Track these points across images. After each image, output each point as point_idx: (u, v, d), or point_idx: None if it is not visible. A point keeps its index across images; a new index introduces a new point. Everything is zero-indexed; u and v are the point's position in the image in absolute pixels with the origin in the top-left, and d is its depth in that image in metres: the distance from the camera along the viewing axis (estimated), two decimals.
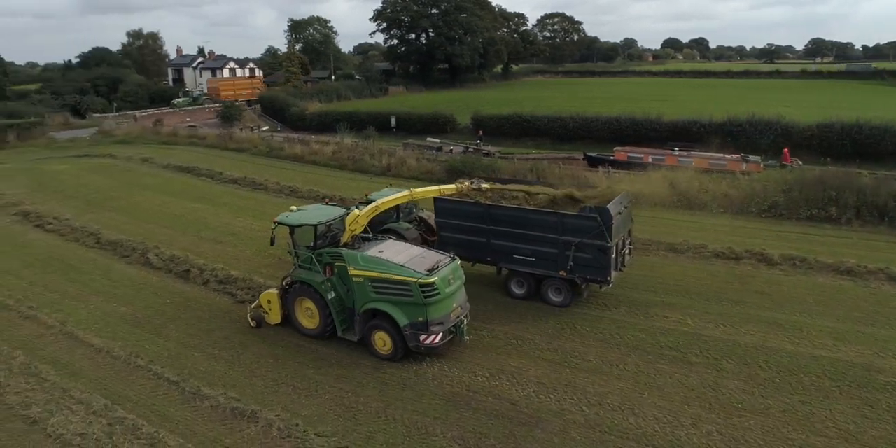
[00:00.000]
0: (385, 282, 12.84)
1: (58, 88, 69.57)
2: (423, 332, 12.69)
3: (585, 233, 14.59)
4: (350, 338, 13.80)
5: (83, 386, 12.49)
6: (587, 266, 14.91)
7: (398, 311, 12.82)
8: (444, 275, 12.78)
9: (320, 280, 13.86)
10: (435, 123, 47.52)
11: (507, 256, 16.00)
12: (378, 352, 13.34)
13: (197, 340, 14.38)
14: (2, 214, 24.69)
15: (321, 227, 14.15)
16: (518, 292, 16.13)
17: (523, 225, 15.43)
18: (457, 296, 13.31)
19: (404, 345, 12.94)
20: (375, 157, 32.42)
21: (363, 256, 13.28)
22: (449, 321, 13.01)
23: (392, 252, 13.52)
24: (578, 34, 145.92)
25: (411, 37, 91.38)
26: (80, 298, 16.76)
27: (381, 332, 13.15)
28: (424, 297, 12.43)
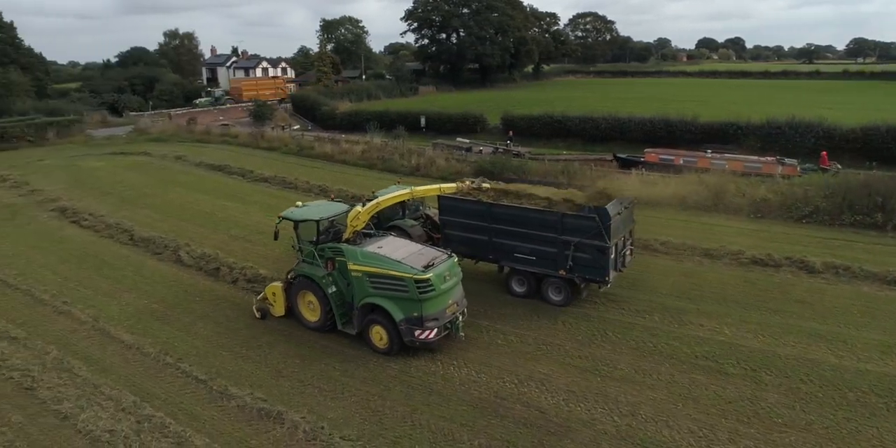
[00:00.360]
0: (382, 277, 13.08)
1: (97, 87, 71.14)
2: (417, 328, 12.88)
3: (584, 233, 14.65)
4: (349, 331, 14.03)
5: (113, 382, 12.59)
6: (586, 266, 14.94)
7: (394, 306, 13.04)
8: (440, 271, 12.95)
9: (322, 274, 14.14)
10: (465, 123, 47.27)
11: (508, 255, 16.11)
12: (375, 346, 13.59)
13: (225, 339, 14.42)
14: (40, 210, 25.23)
15: (323, 223, 14.53)
16: (518, 291, 16.25)
17: (524, 224, 15.53)
18: (453, 292, 13.45)
19: (400, 339, 13.13)
20: (405, 157, 32.33)
21: (362, 252, 13.56)
22: (444, 317, 13.16)
23: (391, 248, 13.77)
24: (611, 34, 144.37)
25: (442, 36, 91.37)
26: (113, 294, 16.98)
27: (378, 326, 13.40)
28: (419, 292, 12.63)
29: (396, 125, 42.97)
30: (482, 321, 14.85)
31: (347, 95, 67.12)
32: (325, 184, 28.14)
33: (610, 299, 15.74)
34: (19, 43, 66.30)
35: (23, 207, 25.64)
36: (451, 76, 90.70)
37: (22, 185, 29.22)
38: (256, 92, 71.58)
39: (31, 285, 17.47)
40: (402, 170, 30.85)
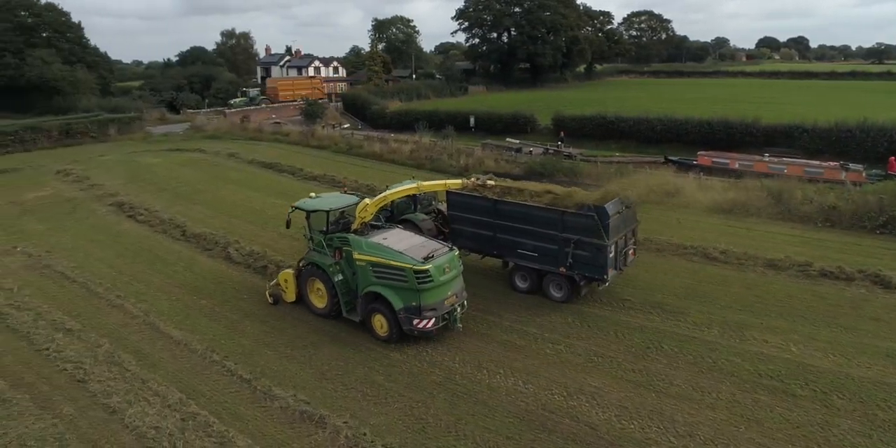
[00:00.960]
0: (384, 267, 13.56)
1: (157, 85, 73.55)
2: (416, 317, 13.31)
3: (583, 231, 14.79)
4: (353, 318, 14.57)
5: (161, 378, 12.68)
6: (585, 264, 15.05)
7: (394, 295, 13.50)
8: (440, 263, 13.32)
9: (329, 263, 14.75)
10: (515, 124, 46.60)
11: (511, 250, 16.38)
12: (377, 333, 14.10)
13: (270, 338, 14.39)
14: (100, 205, 25.99)
15: (333, 214, 15.19)
16: (521, 286, 16.48)
17: (527, 220, 15.76)
18: (452, 284, 13.79)
19: (399, 328, 13.57)
20: (453, 157, 32.03)
21: (367, 242, 14.05)
22: (442, 308, 13.53)
23: (395, 240, 14.22)
24: (666, 33, 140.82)
25: (493, 36, 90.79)
26: (164, 289, 17.22)
27: (380, 314, 13.88)
28: (418, 282, 13.07)
29: (446, 125, 42.67)
30: (530, 328, 14.40)
31: (397, 95, 67.36)
32: (373, 183, 28.05)
33: (665, 310, 15.02)
34: (86, 43, 69.13)
35: (83, 201, 26.49)
36: (502, 76, 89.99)
37: (83, 179, 30.22)
38: (292, 92, 70.09)
39: (87, 278, 17.90)
40: (451, 170, 30.51)
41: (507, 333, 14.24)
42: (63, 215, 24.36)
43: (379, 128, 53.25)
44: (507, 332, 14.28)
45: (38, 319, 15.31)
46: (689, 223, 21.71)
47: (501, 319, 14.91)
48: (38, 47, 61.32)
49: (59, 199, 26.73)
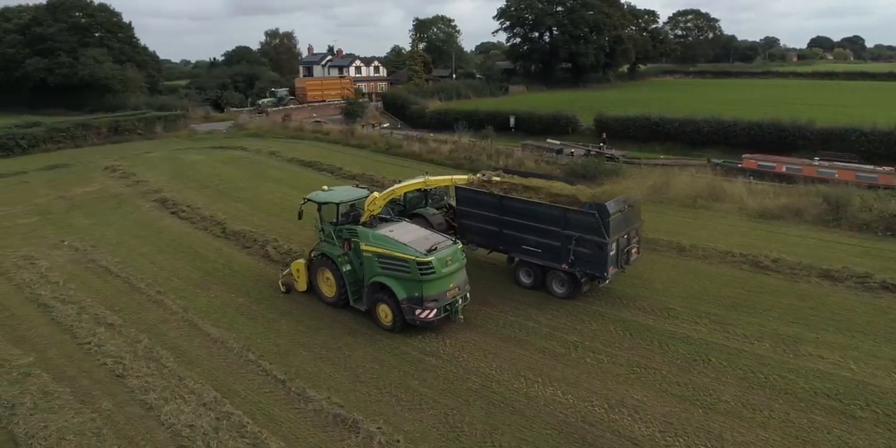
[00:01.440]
0: (389, 258, 14.00)
1: (202, 84, 75.02)
2: (418, 307, 13.72)
3: (585, 228, 14.93)
4: (359, 307, 15.06)
5: (197, 376, 12.69)
6: (586, 261, 15.18)
7: (398, 285, 13.94)
8: (442, 256, 13.69)
9: (338, 253, 15.31)
10: (556, 124, 45.85)
11: (516, 246, 16.64)
12: (381, 323, 14.56)
13: (306, 338, 14.29)
14: (144, 200, 26.50)
15: (343, 206, 15.68)
16: (525, 281, 16.70)
17: (531, 217, 15.98)
18: (455, 277, 14.18)
19: (402, 317, 13.98)
20: (492, 158, 31.62)
21: (374, 234, 14.50)
22: (444, 299, 13.92)
23: (400, 232, 14.62)
24: (714, 32, 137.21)
25: (534, 35, 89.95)
26: (203, 286, 17.34)
27: (384, 304, 14.30)
28: (421, 274, 13.49)
29: (485, 125, 42.25)
30: (570, 336, 13.95)
31: (437, 94, 67.22)
32: None
33: (713, 321, 14.37)
34: (136, 42, 71.08)
35: (128, 197, 27.05)
36: (543, 75, 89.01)
37: (129, 175, 30.90)
38: (321, 92, 69.15)
39: (130, 273, 18.17)
40: None
41: (545, 340, 13.83)
42: (109, 210, 24.89)
43: (418, 127, 53.16)
44: (545, 339, 13.87)
45: (82, 313, 15.58)
46: (738, 229, 20.85)
47: (540, 326, 14.51)
48: (91, 47, 63.29)
49: (106, 194, 27.36)
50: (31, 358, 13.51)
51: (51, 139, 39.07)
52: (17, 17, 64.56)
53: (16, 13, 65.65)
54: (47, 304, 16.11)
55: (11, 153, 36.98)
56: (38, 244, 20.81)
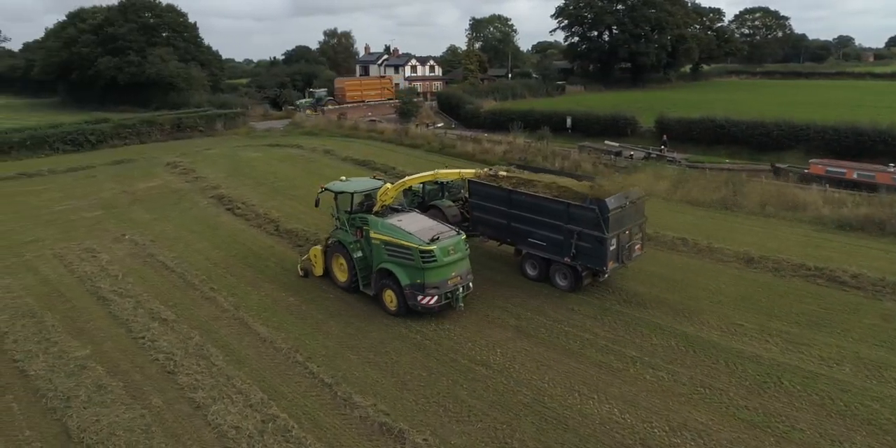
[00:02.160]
0: (395, 246, 14.70)
1: (262, 82, 76.79)
2: (420, 293, 14.41)
3: (585, 223, 15.29)
4: (368, 292, 15.85)
5: (245, 375, 12.62)
6: (587, 254, 15.55)
7: (402, 272, 14.64)
8: (445, 245, 14.33)
9: (351, 240, 16.13)
10: (614, 125, 44.52)
11: (523, 239, 17.10)
12: (387, 307, 15.28)
13: (354, 341, 14.06)
14: (202, 196, 27.00)
15: (358, 196, 16.58)
16: (531, 273, 17.19)
17: (537, 211, 16.42)
18: (457, 266, 14.75)
19: (406, 303, 14.65)
20: (548, 159, 30.84)
21: (382, 223, 15.21)
22: (445, 287, 14.53)
23: (408, 222, 15.25)
24: (783, 31, 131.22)
25: (593, 34, 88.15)
26: (255, 284, 17.38)
27: (390, 290, 15.02)
28: (423, 261, 14.17)
29: (541, 125, 41.42)
30: (628, 350, 13.22)
31: (492, 94, 66.56)
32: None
33: (785, 340, 13.37)
34: (200, 42, 73.28)
35: (187, 193, 27.63)
36: (601, 75, 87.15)
37: (189, 171, 31.62)
38: (360, 92, 67.38)
39: (185, 269, 18.41)
40: None
41: (602, 354, 13.15)
42: (169, 206, 25.46)
43: (472, 127, 52.70)
44: (602, 353, 13.19)
45: (138, 307, 15.82)
46: (813, 240, 19.53)
47: (596, 338, 13.83)
48: (158, 46, 65.57)
49: (166, 190, 28.02)
50: (87, 350, 13.75)
51: (118, 135, 40.57)
52: (91, 18, 67.57)
53: (90, 14, 68.72)
54: (106, 297, 16.45)
55: (81, 148, 38.58)
56: (100, 237, 21.41)
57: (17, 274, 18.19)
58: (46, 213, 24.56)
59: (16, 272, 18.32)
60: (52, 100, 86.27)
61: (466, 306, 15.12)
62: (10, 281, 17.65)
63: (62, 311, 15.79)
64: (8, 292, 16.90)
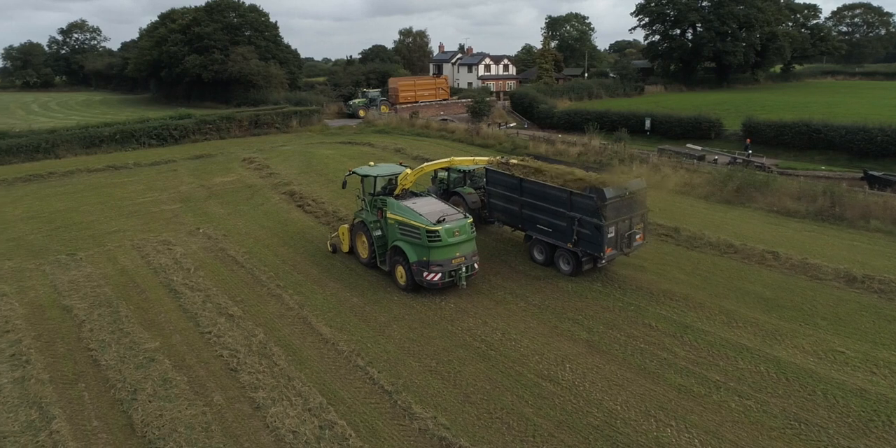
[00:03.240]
0: (406, 225, 15.99)
1: (338, 81, 78.12)
2: (425, 270, 15.62)
3: (585, 210, 16.04)
4: (383, 268, 17.31)
5: (306, 377, 12.43)
6: (587, 241, 16.31)
7: (411, 249, 15.94)
8: (451, 227, 15.51)
9: (371, 220, 17.56)
10: (697, 128, 42.12)
11: (532, 225, 18.02)
12: (398, 283, 16.66)
13: (417, 346, 13.63)
14: (275, 192, 27.39)
15: (381, 180, 18.09)
16: (539, 258, 18.12)
17: (544, 198, 17.27)
18: (462, 247, 15.82)
19: (413, 279, 15.93)
20: (625, 163, 29.40)
21: (398, 205, 16.49)
22: (449, 266, 15.68)
23: (421, 205, 16.47)
24: (886, 28, 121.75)
25: (675, 32, 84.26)
26: (321, 283, 17.28)
27: (401, 266, 16.34)
28: (429, 240, 15.39)
29: (618, 127, 39.81)
30: (712, 374, 12.13)
31: (567, 93, 64.90)
32: None
33: (894, 371, 11.88)
34: (280, 40, 75.33)
35: (261, 188, 28.10)
36: (683, 75, 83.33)
37: (264, 167, 32.24)
38: (414, 93, 64.36)
39: (254, 265, 18.56)
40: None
41: (682, 376, 12.12)
42: (242, 201, 25.94)
43: (545, 128, 51.47)
44: (682, 375, 12.16)
45: (207, 302, 16.00)
46: None
47: (676, 357, 12.79)
48: (240, 45, 67.83)
49: (241, 185, 28.61)
50: (157, 343, 13.96)
51: (199, 130, 42.09)
52: (180, 19, 70.76)
53: (180, 15, 71.98)
54: (178, 289, 16.76)
55: (165, 143, 40.27)
56: (176, 230, 21.99)
57: (99, 263, 18.86)
58: (129, 204, 25.55)
59: (98, 262, 19.01)
60: (144, 96, 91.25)
61: (539, 313, 14.42)
62: (91, 270, 18.31)
63: (136, 301, 16.18)
64: (89, 281, 17.51)
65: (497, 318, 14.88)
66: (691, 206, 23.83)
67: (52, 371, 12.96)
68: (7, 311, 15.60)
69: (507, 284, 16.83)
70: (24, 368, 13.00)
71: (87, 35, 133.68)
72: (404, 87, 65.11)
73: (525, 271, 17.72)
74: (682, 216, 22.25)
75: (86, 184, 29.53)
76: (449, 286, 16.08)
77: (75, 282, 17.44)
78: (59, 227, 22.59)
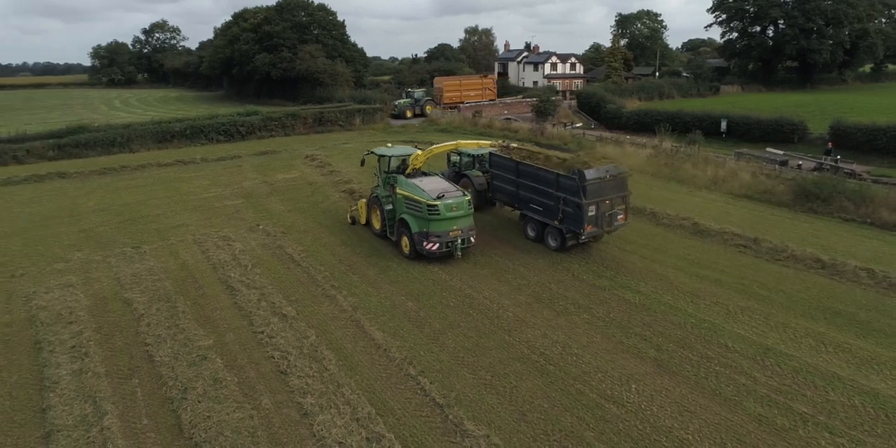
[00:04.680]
0: (411, 200, 18.02)
1: (402, 79, 78.50)
2: (425, 240, 17.64)
3: (569, 191, 17.65)
4: (391, 238, 19.40)
5: (355, 384, 12.00)
6: (569, 218, 17.92)
7: (414, 221, 17.97)
8: (449, 203, 17.48)
9: (384, 195, 19.61)
10: (778, 131, 39.37)
11: (526, 204, 19.77)
12: (403, 251, 18.66)
13: (472, 357, 12.97)
14: (335, 190, 27.31)
15: (395, 160, 20.31)
16: (531, 235, 19.91)
17: (535, 180, 19.01)
18: (458, 221, 17.78)
19: (414, 248, 17.96)
20: (699, 167, 27.83)
21: (406, 182, 18.54)
22: (446, 237, 17.66)
23: (427, 183, 18.52)
24: None
25: (755, 29, 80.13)
26: (376, 285, 16.87)
27: (405, 236, 18.36)
28: (429, 214, 17.38)
29: (691, 128, 37.78)
30: (797, 404, 10.95)
31: (637, 93, 62.67)
32: None
33: None
34: (346, 39, 76.23)
35: (321, 186, 28.09)
36: (762, 75, 79.07)
37: (325, 165, 32.30)
38: (459, 93, 62.26)
39: (310, 264, 18.36)
40: (696, 181, 26.54)
41: (762, 405, 10.96)
42: (303, 198, 25.95)
43: (613, 128, 49.65)
44: (762, 404, 11.00)
45: (262, 300, 15.85)
46: None
47: (756, 384, 11.61)
48: (308, 43, 68.99)
49: (302, 182, 28.70)
50: (210, 340, 13.86)
51: (265, 127, 42.81)
52: (252, 18, 72.72)
53: (252, 14, 74.00)
54: (234, 286, 16.71)
55: (232, 138, 41.18)
56: (237, 226, 22.13)
57: (161, 257, 19.13)
58: (194, 199, 26.02)
59: (160, 256, 19.28)
60: (217, 93, 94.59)
61: (604, 327, 13.48)
62: (153, 264, 18.57)
63: (194, 297, 16.21)
64: (151, 274, 17.73)
65: (558, 330, 14.04)
66: (772, 214, 22.14)
67: (109, 365, 13.03)
68: (72, 303, 15.92)
69: (569, 294, 15.94)
70: (82, 361, 13.12)
71: (168, 34, 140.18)
72: (450, 86, 62.95)
73: (590, 280, 16.76)
74: (762, 226, 20.66)
75: (155, 178, 30.38)
76: (446, 256, 18.09)
77: (138, 275, 17.70)
78: (126, 219, 23.18)
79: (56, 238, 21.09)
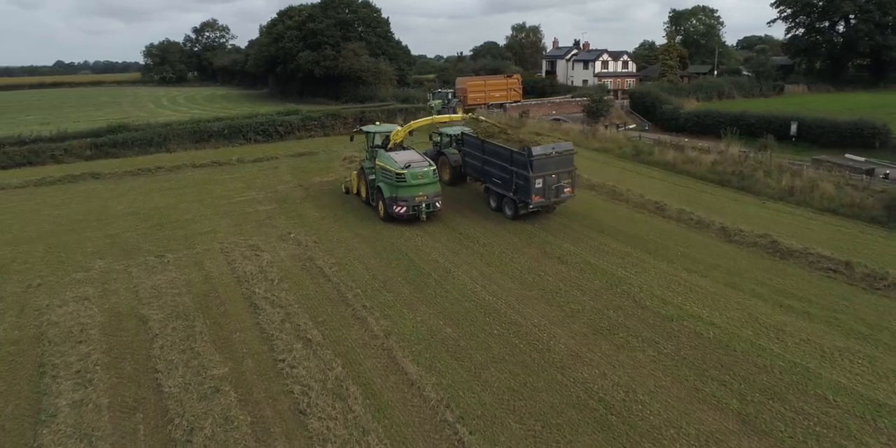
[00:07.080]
0: (384, 170, 20.80)
1: (447, 77, 76.86)
2: (394, 204, 20.41)
3: (519, 165, 20.04)
4: (372, 204, 22.24)
5: (383, 431, 10.39)
6: (521, 190, 20.27)
7: (386, 188, 20.75)
8: (415, 172, 20.21)
9: (369, 167, 22.44)
10: (857, 135, 35.97)
11: (490, 178, 22.09)
12: (379, 214, 21.51)
13: (519, 400, 11.17)
14: None
15: (379, 136, 23.01)
16: (492, 205, 22.21)
17: (496, 156, 21.41)
18: (424, 188, 20.49)
19: (387, 211, 20.81)
20: (772, 175, 25.15)
21: (384, 154, 21.20)
22: (412, 202, 20.41)
23: (400, 155, 21.03)
24: None
25: (823, 25, 75.29)
26: (411, 305, 15.20)
27: (381, 202, 21.14)
28: (397, 181, 20.19)
29: (757, 131, 34.78)
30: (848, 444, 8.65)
31: (694, 93, 59.37)
32: (664, 201, 23.08)
33: None
34: (390, 36, 74.97)
35: None
36: (831, 73, 74.19)
37: None
38: (484, 93, 59.71)
39: (341, 279, 16.83)
40: (768, 191, 23.90)
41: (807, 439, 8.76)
42: (338, 204, 24.43)
43: (669, 130, 46.80)
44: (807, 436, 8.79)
45: (286, 321, 14.40)
46: None
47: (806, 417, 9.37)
48: (352, 41, 67.96)
49: (339, 186, 27.25)
50: (226, 368, 12.48)
51: (304, 127, 41.65)
52: (297, 15, 72.14)
53: (296, 12, 73.43)
54: (258, 304, 15.32)
55: (270, 139, 40.16)
56: (268, 234, 20.80)
57: (184, 268, 17.90)
58: (226, 203, 24.86)
59: (183, 266, 18.06)
60: (263, 91, 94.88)
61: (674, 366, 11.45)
62: (175, 275, 17.35)
63: (214, 315, 14.87)
64: (172, 288, 16.50)
65: (619, 369, 12.07)
66: (862, 232, 19.48)
67: (113, 395, 11.73)
68: (85, 319, 14.78)
69: (631, 323, 13.92)
70: (85, 389, 11.88)
71: (217, 33, 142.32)
72: (474, 87, 60.21)
73: (654, 308, 14.66)
74: (853, 246, 18.08)
75: (189, 180, 29.44)
76: (412, 219, 20.75)
77: (157, 287, 16.48)
78: (154, 224, 22.14)
79: (80, 244, 20.15)
